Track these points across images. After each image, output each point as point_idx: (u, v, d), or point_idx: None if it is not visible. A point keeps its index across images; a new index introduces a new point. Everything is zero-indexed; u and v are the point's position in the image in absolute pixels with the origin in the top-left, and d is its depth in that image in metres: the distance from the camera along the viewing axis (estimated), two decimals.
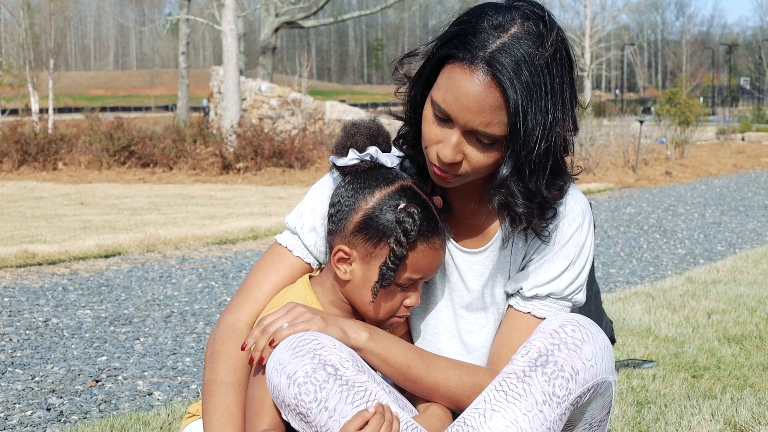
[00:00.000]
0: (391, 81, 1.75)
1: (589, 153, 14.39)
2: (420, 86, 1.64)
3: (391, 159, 1.73)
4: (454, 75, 1.54)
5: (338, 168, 1.73)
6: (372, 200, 1.67)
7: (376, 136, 1.74)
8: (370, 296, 1.69)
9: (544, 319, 1.71)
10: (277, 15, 25.84)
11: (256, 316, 1.75)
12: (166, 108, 61.28)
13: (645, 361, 3.43)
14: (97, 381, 3.30)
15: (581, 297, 1.76)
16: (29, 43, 28.33)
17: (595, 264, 6.04)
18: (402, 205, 1.66)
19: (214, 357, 1.72)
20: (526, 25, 1.53)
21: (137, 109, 66.32)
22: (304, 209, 1.81)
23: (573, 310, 1.82)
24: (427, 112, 1.61)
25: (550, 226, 1.69)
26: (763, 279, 5.21)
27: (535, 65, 1.51)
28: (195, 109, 42.45)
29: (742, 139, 26.54)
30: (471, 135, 1.57)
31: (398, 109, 1.77)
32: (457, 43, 1.55)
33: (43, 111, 29.49)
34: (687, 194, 11.74)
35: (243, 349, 1.65)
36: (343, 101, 34.94)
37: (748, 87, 56.69)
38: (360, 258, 1.69)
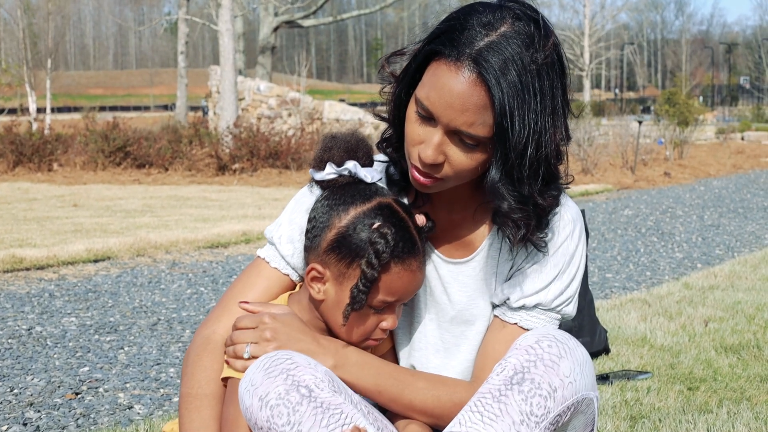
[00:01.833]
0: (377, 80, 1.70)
1: (587, 153, 14.31)
2: (405, 84, 1.58)
3: (371, 174, 1.66)
4: (439, 72, 1.49)
5: (317, 182, 1.68)
6: (346, 218, 1.60)
7: (354, 150, 1.67)
8: (341, 319, 1.62)
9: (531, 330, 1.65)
10: (276, 14, 25.76)
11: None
12: (165, 107, 61.24)
13: (640, 372, 3.35)
14: (77, 393, 3.22)
15: (571, 309, 1.69)
16: (26, 43, 28.29)
17: (592, 269, 5.96)
18: (376, 225, 1.58)
19: (189, 370, 1.68)
20: (516, 24, 1.48)
21: (136, 108, 66.30)
22: (284, 220, 1.77)
23: (564, 324, 1.76)
24: (411, 110, 1.56)
25: (546, 237, 1.63)
26: (761, 285, 5.12)
27: (524, 66, 1.46)
28: (195, 108, 42.39)
29: (742, 139, 26.49)
30: (454, 135, 1.51)
31: (384, 109, 1.71)
32: (444, 40, 1.50)
33: (41, 111, 29.45)
34: (685, 195, 11.66)
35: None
36: (342, 100, 34.90)
37: (747, 86, 56.70)
38: (333, 278, 1.62)
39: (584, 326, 3.51)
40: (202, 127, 17.88)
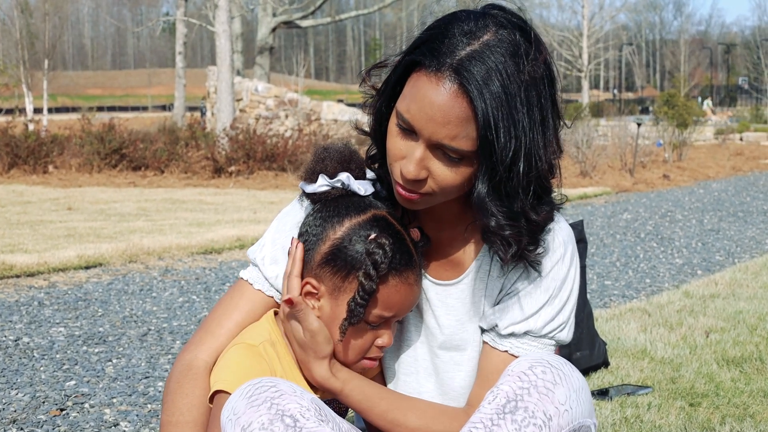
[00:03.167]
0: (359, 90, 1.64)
1: (585, 156, 14.23)
2: (385, 97, 1.52)
3: (364, 186, 1.60)
4: (420, 83, 1.42)
5: (308, 195, 1.62)
6: (341, 230, 1.55)
7: (348, 161, 1.62)
8: (338, 335, 1.56)
9: None
10: (274, 15, 25.70)
11: (215, 354, 1.65)
12: (163, 107, 61.22)
13: (640, 386, 3.26)
14: (62, 410, 3.13)
15: (565, 335, 1.62)
16: (24, 44, 28.24)
17: (591, 276, 5.87)
18: (373, 236, 1.53)
19: (169, 397, 1.61)
20: (500, 33, 1.41)
21: (134, 108, 66.27)
22: (267, 241, 1.71)
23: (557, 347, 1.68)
24: (392, 124, 1.50)
25: (541, 255, 1.55)
26: (763, 293, 5.04)
27: (509, 76, 1.39)
28: (193, 108, 42.28)
29: (741, 140, 26.44)
30: (437, 149, 1.44)
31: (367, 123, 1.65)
32: (424, 50, 1.43)
33: (38, 111, 29.38)
34: (685, 198, 11.58)
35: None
36: (340, 101, 34.83)
37: (746, 86, 56.70)
38: (328, 292, 1.57)
39: (583, 339, 3.43)
40: (199, 128, 17.77)
